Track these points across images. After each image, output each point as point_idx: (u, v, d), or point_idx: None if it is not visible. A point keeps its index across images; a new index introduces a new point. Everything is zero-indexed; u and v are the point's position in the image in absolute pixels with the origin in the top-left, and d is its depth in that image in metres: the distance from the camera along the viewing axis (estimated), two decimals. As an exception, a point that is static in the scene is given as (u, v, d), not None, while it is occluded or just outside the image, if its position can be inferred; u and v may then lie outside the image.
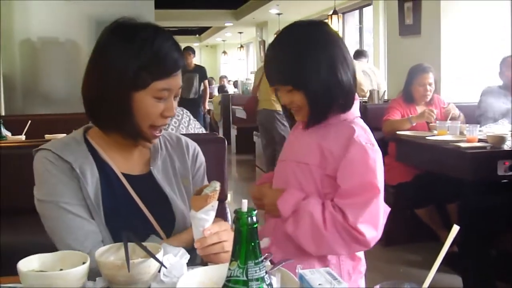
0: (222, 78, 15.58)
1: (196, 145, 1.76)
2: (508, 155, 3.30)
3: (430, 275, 0.96)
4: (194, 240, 1.35)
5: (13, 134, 3.63)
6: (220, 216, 1.81)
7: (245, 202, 0.95)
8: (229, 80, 16.20)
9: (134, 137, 1.52)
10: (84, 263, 1.19)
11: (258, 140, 8.53)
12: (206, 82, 9.42)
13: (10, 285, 1.25)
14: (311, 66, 1.67)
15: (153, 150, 1.64)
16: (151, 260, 1.20)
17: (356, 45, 10.50)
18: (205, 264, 1.38)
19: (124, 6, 4.54)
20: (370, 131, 1.79)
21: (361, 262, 1.83)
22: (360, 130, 1.73)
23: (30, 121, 3.64)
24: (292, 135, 1.91)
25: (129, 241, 1.26)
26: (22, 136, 3.58)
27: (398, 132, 4.20)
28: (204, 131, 3.16)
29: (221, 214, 2.02)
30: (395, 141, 4.22)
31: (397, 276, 3.77)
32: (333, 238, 1.66)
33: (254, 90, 6.71)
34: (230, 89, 14.62)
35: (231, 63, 20.89)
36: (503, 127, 4.03)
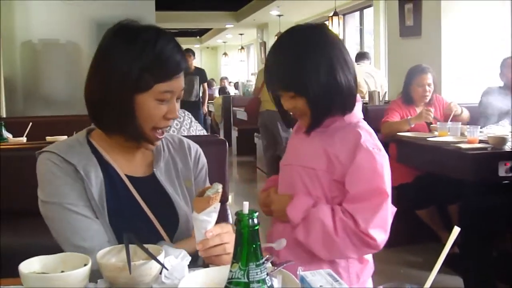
0: (223, 79, 15.59)
1: (198, 147, 1.77)
2: (509, 156, 3.30)
3: (431, 276, 0.96)
4: (196, 242, 1.35)
5: (14, 136, 3.63)
6: (222, 218, 1.81)
7: (246, 204, 0.96)
8: (230, 81, 16.20)
9: (136, 139, 1.52)
10: (85, 265, 1.19)
11: (259, 142, 8.53)
12: (205, 84, 9.40)
13: (11, 287, 1.26)
14: (312, 72, 1.67)
15: (156, 152, 1.65)
16: (153, 262, 1.20)
17: (356, 47, 10.51)
18: (207, 266, 1.38)
19: (125, 8, 4.54)
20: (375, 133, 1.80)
21: (369, 264, 1.84)
22: (366, 135, 1.73)
23: (31, 123, 3.64)
24: (295, 139, 1.90)
25: (130, 243, 1.26)
26: (23, 138, 3.58)
27: (399, 133, 4.20)
28: (206, 133, 3.17)
29: (222, 215, 2.02)
30: (395, 142, 4.22)
31: (398, 277, 3.77)
32: (344, 243, 1.67)
33: (257, 92, 6.67)
34: (231, 91, 14.62)
35: (231, 65, 20.88)
36: (504, 128, 4.03)
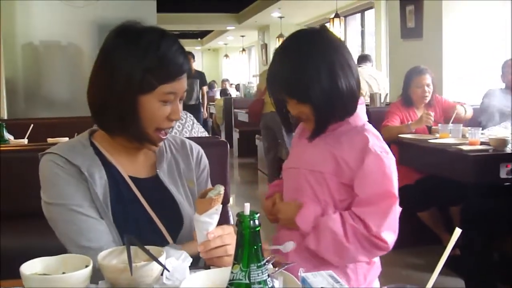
0: (224, 81, 15.59)
1: (200, 148, 1.77)
2: (510, 158, 3.29)
3: (433, 278, 0.96)
4: (198, 243, 1.35)
5: (15, 138, 3.63)
6: (223, 220, 1.80)
7: (247, 205, 0.95)
8: (231, 83, 16.20)
9: (140, 140, 1.53)
10: (87, 266, 1.19)
11: (260, 144, 8.53)
12: (204, 88, 9.36)
13: (12, 289, 1.26)
14: (314, 79, 1.68)
15: (159, 153, 1.65)
16: (154, 263, 1.20)
17: (358, 48, 10.50)
18: (208, 267, 1.38)
19: (126, 10, 4.56)
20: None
21: (376, 265, 1.85)
22: (374, 138, 1.75)
23: (32, 125, 3.64)
24: (300, 142, 1.90)
25: (131, 245, 1.26)
26: (25, 140, 3.58)
27: (400, 135, 4.19)
28: (207, 135, 3.17)
29: (223, 217, 2.01)
30: (397, 144, 4.21)
31: (400, 279, 3.77)
32: (355, 249, 1.69)
33: (261, 93, 6.54)
34: (232, 93, 14.63)
35: (233, 67, 20.89)
36: (505, 130, 4.02)
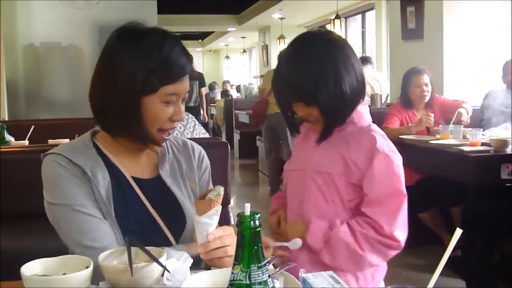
0: (225, 83, 15.58)
1: (202, 148, 1.77)
2: (511, 159, 3.29)
3: (434, 278, 0.96)
4: (198, 245, 1.35)
5: (16, 139, 3.63)
6: (223, 221, 1.81)
7: (247, 205, 0.95)
8: (231, 84, 16.20)
9: (143, 141, 1.53)
10: (87, 267, 1.19)
11: (261, 145, 8.53)
12: (202, 89, 9.30)
13: (13, 290, 1.26)
14: (321, 82, 1.68)
15: (161, 154, 1.65)
16: (154, 264, 1.20)
17: (358, 50, 10.50)
18: (209, 268, 1.38)
19: (127, 11, 4.56)
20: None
21: (383, 264, 1.86)
22: (381, 138, 1.78)
23: (33, 126, 3.64)
24: (305, 144, 1.90)
25: (132, 245, 1.26)
26: (26, 141, 3.58)
27: (401, 136, 4.19)
28: (208, 136, 3.18)
29: (224, 218, 2.02)
30: (398, 145, 4.18)
31: (400, 280, 3.76)
32: (370, 254, 1.70)
33: (267, 94, 6.50)
34: (233, 94, 14.63)
35: (233, 68, 20.90)
36: (506, 131, 4.02)
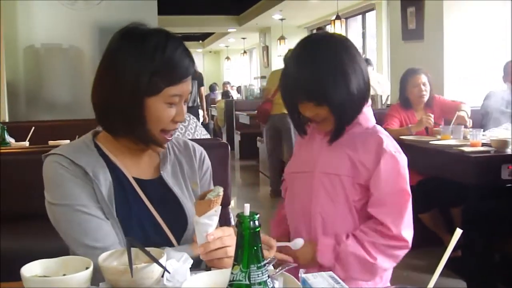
0: (225, 84, 15.57)
1: (203, 149, 1.77)
2: (511, 159, 3.29)
3: (434, 279, 0.96)
4: (198, 245, 1.35)
5: (16, 141, 3.63)
6: (224, 222, 1.81)
7: (247, 206, 0.95)
8: (232, 85, 16.20)
9: (146, 141, 1.53)
10: (87, 268, 1.19)
11: (262, 146, 8.52)
12: (202, 89, 9.23)
13: (13, 291, 1.26)
14: (330, 81, 1.71)
15: (162, 154, 1.65)
16: (154, 265, 1.20)
17: (359, 50, 10.48)
18: (209, 269, 1.38)
19: (127, 13, 4.55)
20: None
21: None
22: (387, 139, 1.79)
23: (33, 128, 3.64)
24: (310, 145, 1.91)
25: (132, 246, 1.26)
26: (26, 143, 3.58)
27: (401, 137, 4.19)
28: (209, 137, 3.18)
29: (224, 219, 2.02)
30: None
31: (401, 280, 3.76)
32: (381, 261, 1.72)
33: (272, 94, 6.45)
34: (234, 95, 14.62)
35: (234, 69, 20.92)
36: (506, 131, 4.02)
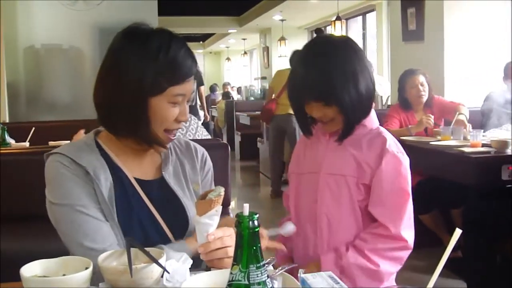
0: (225, 85, 15.56)
1: (204, 150, 1.77)
2: (512, 160, 3.29)
3: (433, 278, 0.96)
4: (198, 245, 1.35)
5: (17, 141, 3.64)
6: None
7: (246, 206, 0.95)
8: (232, 86, 16.20)
9: (149, 141, 1.53)
10: (86, 268, 1.19)
11: (262, 147, 8.52)
12: (201, 88, 9.17)
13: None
14: (339, 81, 1.73)
15: (164, 155, 1.65)
16: (154, 265, 1.20)
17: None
18: (209, 269, 1.38)
19: (127, 13, 4.55)
20: None
21: None
22: (390, 140, 1.82)
23: (34, 128, 3.65)
24: (316, 146, 1.92)
25: (132, 247, 1.26)
26: (26, 143, 3.58)
27: (401, 137, 4.19)
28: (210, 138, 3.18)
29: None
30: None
31: (401, 281, 3.74)
32: (385, 266, 1.75)
33: (278, 94, 6.46)
34: (234, 96, 14.62)
35: (234, 70, 20.92)
36: (507, 132, 4.02)
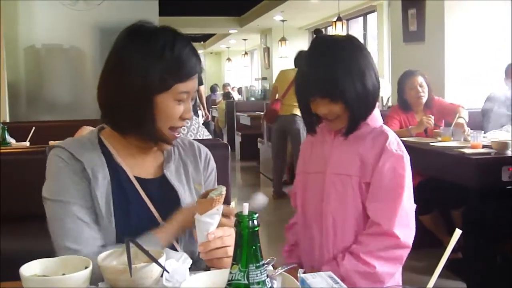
0: (225, 86, 15.57)
1: (208, 150, 1.77)
2: (512, 161, 3.29)
3: (433, 278, 0.96)
4: (198, 244, 1.35)
5: (17, 141, 3.64)
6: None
7: (246, 205, 0.95)
8: (233, 87, 16.20)
9: (154, 139, 1.53)
10: (86, 267, 1.19)
11: (263, 147, 8.52)
12: (201, 87, 9.10)
13: (12, 290, 1.26)
14: (346, 78, 1.76)
15: (166, 154, 1.65)
16: (154, 265, 1.20)
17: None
18: (208, 269, 1.38)
19: (128, 13, 4.55)
20: None
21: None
22: (392, 138, 1.86)
23: (34, 128, 3.65)
24: (322, 146, 1.95)
25: (131, 243, 1.26)
26: (26, 143, 3.58)
27: (401, 138, 4.18)
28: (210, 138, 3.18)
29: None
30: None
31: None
32: (381, 267, 1.75)
33: (282, 94, 6.44)
34: (235, 96, 14.62)
35: (235, 70, 20.94)
36: (507, 133, 4.02)
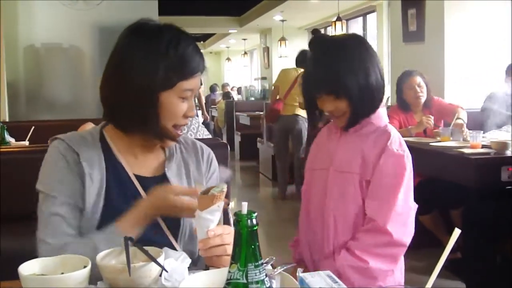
0: (224, 86, 15.56)
1: (210, 150, 1.76)
2: (511, 161, 3.29)
3: (432, 278, 0.96)
4: (198, 240, 1.35)
5: (16, 140, 3.63)
6: (223, 223, 1.80)
7: (245, 204, 0.95)
8: (232, 87, 16.20)
9: (159, 136, 1.54)
10: (85, 266, 1.19)
11: (262, 147, 8.52)
12: (201, 87, 9.12)
13: (11, 289, 1.26)
14: (351, 74, 1.81)
15: (168, 153, 1.65)
16: (152, 264, 1.20)
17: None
18: (207, 268, 1.38)
19: (128, 13, 4.54)
20: None
21: (401, 262, 1.91)
22: (395, 137, 1.88)
23: (33, 127, 3.64)
24: (328, 143, 1.99)
25: (130, 243, 1.26)
26: (26, 142, 3.58)
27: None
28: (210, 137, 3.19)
29: (224, 220, 2.01)
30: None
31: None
32: (374, 262, 1.78)
33: (285, 95, 6.47)
34: (235, 96, 14.62)
35: (235, 70, 20.94)
36: (506, 133, 4.02)
